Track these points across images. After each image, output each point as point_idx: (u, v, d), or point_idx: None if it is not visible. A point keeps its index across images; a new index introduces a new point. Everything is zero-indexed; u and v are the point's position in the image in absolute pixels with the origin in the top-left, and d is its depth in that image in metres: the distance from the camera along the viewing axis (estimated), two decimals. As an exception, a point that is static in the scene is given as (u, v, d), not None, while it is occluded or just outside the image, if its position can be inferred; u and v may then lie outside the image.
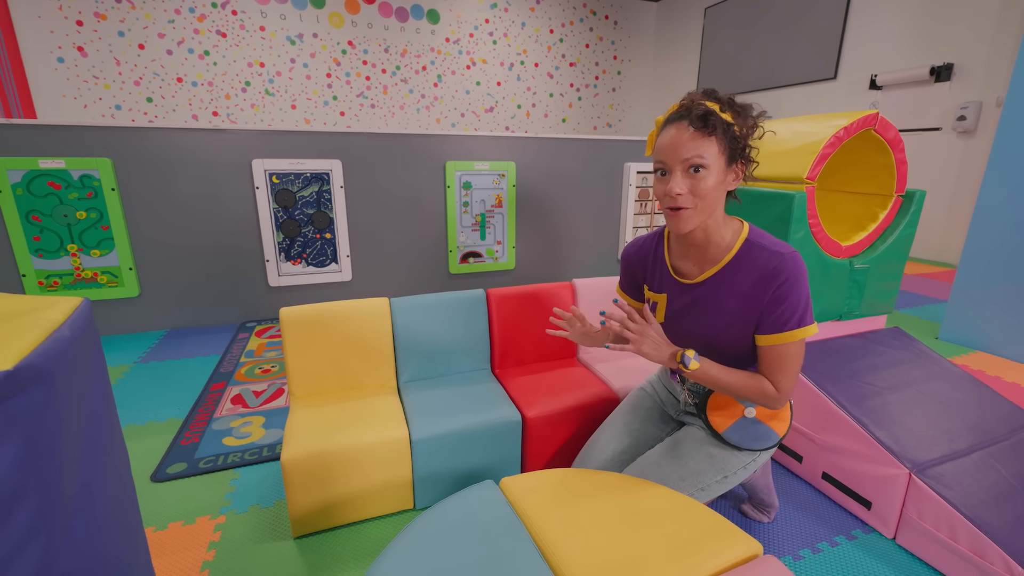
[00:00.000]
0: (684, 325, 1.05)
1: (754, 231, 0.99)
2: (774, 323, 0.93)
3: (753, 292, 0.94)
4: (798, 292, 0.92)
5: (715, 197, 0.92)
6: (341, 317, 1.44)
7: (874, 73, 4.57)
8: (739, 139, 0.92)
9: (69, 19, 5.03)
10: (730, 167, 0.93)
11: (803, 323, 0.93)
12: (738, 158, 0.93)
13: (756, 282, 0.94)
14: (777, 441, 1.06)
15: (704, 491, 1.04)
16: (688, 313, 1.04)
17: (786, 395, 0.97)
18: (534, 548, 0.81)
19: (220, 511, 1.30)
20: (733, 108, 0.92)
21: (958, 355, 2.29)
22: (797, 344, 0.94)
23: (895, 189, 1.56)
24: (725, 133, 0.90)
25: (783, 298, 0.92)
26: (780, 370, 0.95)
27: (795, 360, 0.95)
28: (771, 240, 0.97)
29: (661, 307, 1.08)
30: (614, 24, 7.41)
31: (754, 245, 0.96)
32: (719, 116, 0.89)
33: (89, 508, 0.56)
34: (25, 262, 2.28)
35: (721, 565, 0.77)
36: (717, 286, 0.99)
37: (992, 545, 1.01)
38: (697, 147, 0.88)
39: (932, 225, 4.22)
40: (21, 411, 0.46)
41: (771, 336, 0.94)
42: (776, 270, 0.92)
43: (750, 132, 0.93)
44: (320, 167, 2.63)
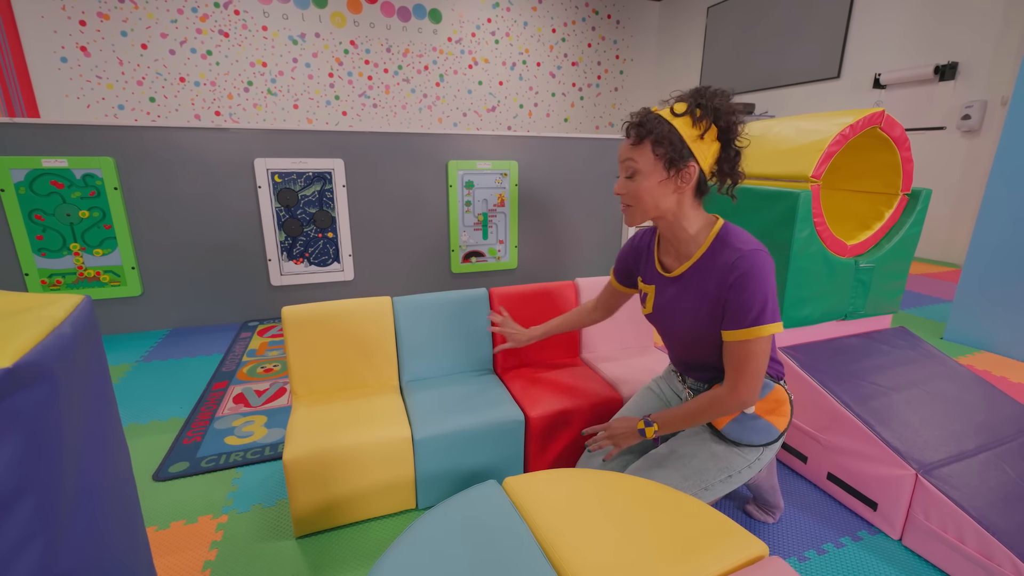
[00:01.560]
0: (668, 317, 1.10)
1: (727, 229, 1.00)
2: (731, 319, 0.96)
3: (717, 288, 0.97)
4: (753, 289, 0.92)
5: (653, 199, 0.98)
6: (343, 316, 1.44)
7: (878, 72, 4.55)
8: (680, 144, 0.94)
9: (72, 19, 5.05)
10: (672, 170, 0.96)
11: (759, 321, 0.93)
12: (682, 162, 0.95)
13: (718, 278, 0.97)
14: (778, 436, 1.05)
15: (708, 491, 1.03)
16: (671, 306, 1.08)
17: (742, 396, 0.97)
18: (537, 548, 0.80)
19: (222, 510, 1.30)
20: (692, 112, 0.93)
21: (964, 355, 2.27)
22: (754, 343, 0.94)
23: (901, 188, 1.55)
24: (659, 139, 0.94)
25: (738, 294, 0.93)
26: (737, 368, 0.97)
27: (753, 360, 0.95)
28: (741, 238, 0.97)
29: (650, 298, 1.14)
30: (616, 23, 7.40)
31: (722, 242, 0.98)
32: (658, 123, 0.94)
33: (90, 507, 0.55)
34: (28, 261, 2.28)
35: (726, 566, 0.77)
36: (691, 280, 1.02)
37: (1000, 546, 1.00)
38: (630, 152, 0.98)
39: (937, 225, 4.20)
40: (21, 409, 0.45)
41: (729, 332, 0.97)
42: (732, 266, 0.94)
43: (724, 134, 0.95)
44: (322, 166, 2.63)
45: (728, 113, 0.94)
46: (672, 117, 0.95)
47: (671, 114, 0.95)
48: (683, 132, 0.94)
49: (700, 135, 0.94)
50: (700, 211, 1.03)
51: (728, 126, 0.95)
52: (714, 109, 0.94)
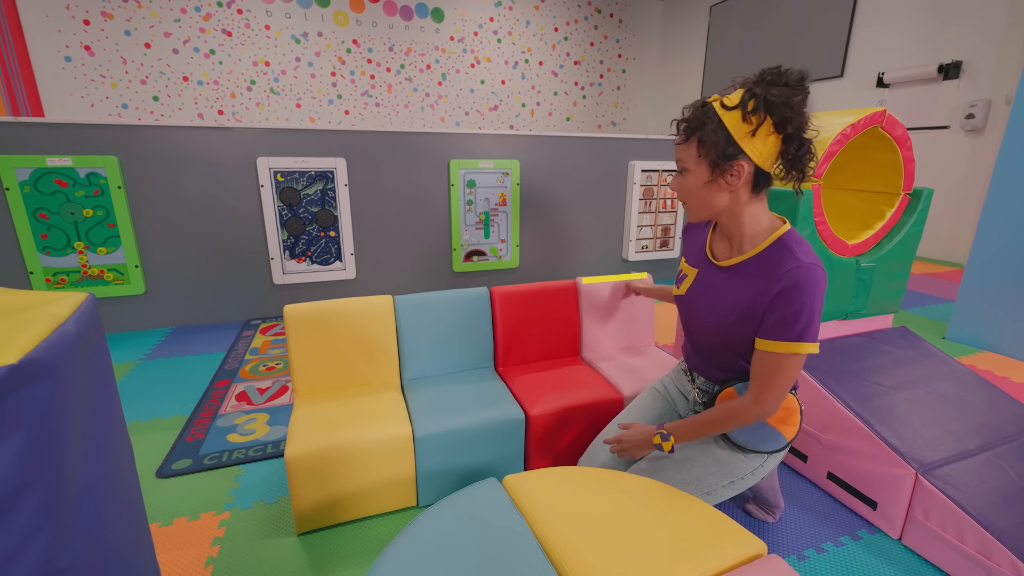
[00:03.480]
0: (700, 304, 1.06)
1: (791, 235, 0.95)
2: (772, 328, 0.91)
3: (764, 289, 0.92)
4: (802, 303, 0.88)
5: (703, 198, 0.95)
6: (345, 315, 1.44)
7: (881, 71, 4.54)
8: (728, 142, 0.88)
9: (76, 18, 5.07)
10: (719, 168, 0.90)
11: (802, 337, 0.89)
12: (729, 161, 0.89)
13: (766, 281, 0.92)
14: (785, 445, 1.04)
15: (710, 495, 1.03)
16: (707, 294, 1.04)
17: (765, 408, 0.94)
18: (537, 546, 0.81)
19: (224, 507, 1.31)
20: (744, 105, 0.87)
21: (965, 355, 2.27)
22: (790, 358, 0.90)
23: (902, 187, 1.54)
24: (706, 137, 0.89)
25: (786, 304, 0.89)
26: (764, 380, 0.93)
27: (784, 374, 0.91)
28: (803, 248, 0.92)
29: (688, 280, 1.10)
30: (619, 22, 7.39)
31: (783, 247, 0.93)
32: (707, 119, 0.89)
33: (93, 503, 0.56)
34: (33, 259, 2.30)
35: (725, 564, 0.77)
36: (739, 275, 0.98)
37: (999, 546, 1.00)
38: (679, 151, 0.96)
39: (939, 224, 4.19)
40: (25, 405, 0.46)
41: (765, 341, 0.92)
42: (787, 273, 0.89)
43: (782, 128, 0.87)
44: (324, 165, 2.64)
45: (783, 105, 0.85)
46: (723, 111, 0.88)
47: (722, 107, 0.89)
48: (732, 128, 0.88)
49: (752, 131, 0.87)
50: (763, 209, 0.97)
51: (783, 119, 0.86)
52: (767, 102, 0.85)
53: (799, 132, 0.88)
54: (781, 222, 0.98)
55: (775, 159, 0.91)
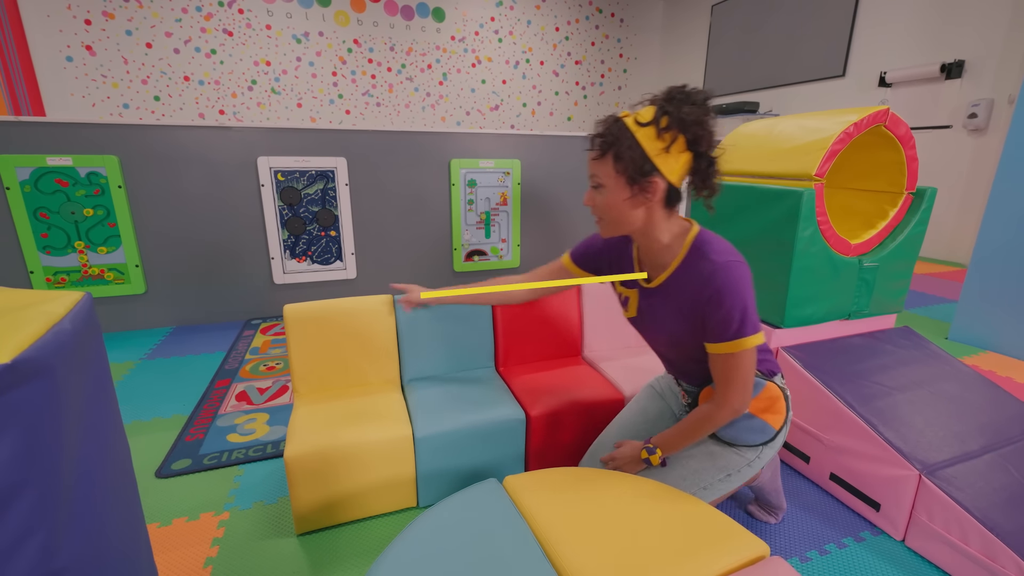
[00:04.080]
0: (650, 324, 1.08)
1: (701, 238, 0.96)
2: (712, 332, 0.94)
3: (694, 300, 0.94)
4: (730, 303, 0.90)
5: (619, 214, 0.95)
6: (345, 314, 1.44)
7: (883, 70, 4.52)
8: (644, 159, 0.88)
9: (78, 18, 5.07)
10: (636, 184, 0.90)
11: (740, 334, 0.91)
12: (644, 177, 0.89)
13: (695, 290, 0.94)
14: (773, 435, 1.04)
15: (707, 490, 1.03)
16: (652, 314, 1.06)
17: (734, 406, 0.96)
18: (538, 548, 0.80)
19: (224, 507, 1.30)
20: (657, 122, 0.87)
21: (969, 355, 2.26)
22: (738, 355, 0.92)
23: (905, 186, 1.54)
24: (622, 154, 0.89)
25: (716, 308, 0.91)
26: (723, 381, 0.96)
27: (739, 371, 0.94)
28: (715, 248, 0.94)
29: (633, 303, 1.11)
30: (620, 22, 7.38)
31: (697, 252, 0.95)
32: (621, 135, 0.89)
33: (89, 503, 0.56)
34: (33, 259, 2.29)
35: (728, 566, 0.76)
36: (670, 291, 1.00)
37: (1003, 548, 0.99)
38: (594, 166, 0.94)
39: (942, 224, 4.17)
40: (20, 404, 0.45)
41: (712, 345, 0.95)
42: (708, 279, 0.91)
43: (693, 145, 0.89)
44: (325, 165, 2.63)
45: (695, 124, 0.87)
46: (636, 127, 0.88)
47: (636, 124, 0.89)
48: (646, 145, 0.88)
49: (665, 148, 0.87)
50: (674, 218, 0.98)
51: (695, 138, 0.88)
52: (680, 120, 0.86)
53: (709, 150, 0.90)
54: (689, 225, 0.99)
55: (686, 176, 0.93)
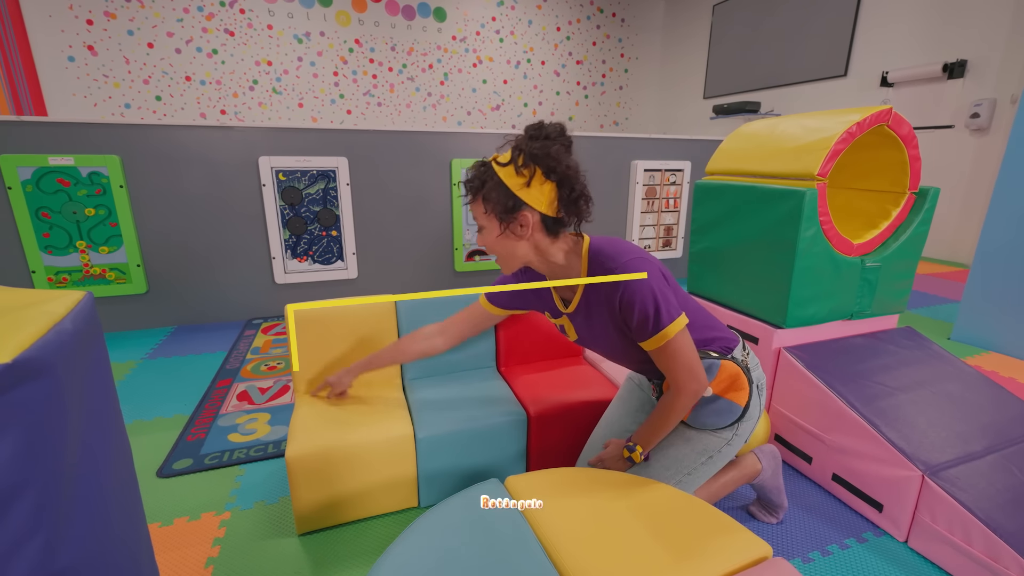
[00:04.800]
0: (591, 341, 1.11)
1: (594, 248, 0.99)
2: (638, 331, 0.96)
3: (610, 309, 0.97)
4: (640, 300, 0.92)
5: (504, 250, 0.99)
6: (347, 314, 1.44)
7: (885, 70, 4.51)
8: (510, 196, 0.92)
9: (79, 18, 5.08)
10: (509, 221, 0.95)
11: (660, 325, 0.93)
12: (512, 213, 0.94)
13: (606, 297, 0.97)
14: (741, 412, 1.04)
15: (691, 475, 1.05)
16: (586, 330, 1.08)
17: (690, 389, 0.97)
18: (539, 548, 0.80)
19: (225, 507, 1.30)
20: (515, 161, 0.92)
21: (971, 356, 2.25)
22: (668, 345, 0.94)
23: (908, 186, 1.53)
24: (489, 195, 0.94)
25: (630, 309, 0.93)
26: (670, 370, 0.97)
27: (677, 358, 0.95)
28: (609, 252, 0.96)
29: (569, 328, 1.13)
30: (621, 22, 7.37)
31: (595, 263, 0.98)
32: (487, 177, 0.94)
33: (90, 503, 0.55)
34: (35, 258, 2.30)
35: (730, 567, 0.76)
36: (590, 308, 1.02)
37: (1007, 549, 0.99)
38: (472, 209, 1.01)
39: (945, 224, 4.16)
40: (21, 404, 0.45)
41: (644, 343, 0.97)
42: (613, 285, 0.94)
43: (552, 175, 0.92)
44: (326, 164, 2.63)
45: (546, 156, 0.91)
46: (499, 168, 0.94)
47: (498, 164, 0.94)
48: (509, 183, 0.92)
49: (526, 183, 0.92)
50: (563, 239, 1.01)
51: (548, 168, 0.92)
52: (531, 155, 0.91)
53: (567, 178, 0.93)
54: (578, 239, 1.02)
55: (554, 204, 0.95)
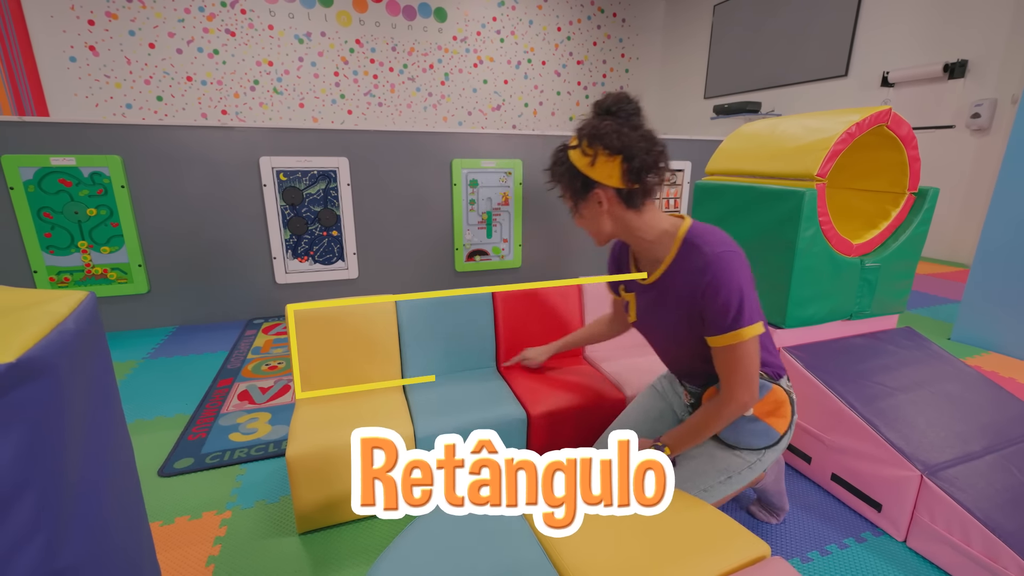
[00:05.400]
0: (649, 323, 1.10)
1: (693, 231, 0.98)
2: (711, 324, 0.94)
3: (690, 292, 0.96)
4: (726, 293, 0.91)
5: (590, 227, 1.03)
6: (347, 314, 1.44)
7: (886, 70, 4.51)
8: (578, 176, 0.96)
9: (81, 18, 5.09)
10: (584, 201, 0.99)
11: (738, 324, 0.91)
12: (583, 192, 0.97)
13: (689, 282, 0.95)
14: (777, 439, 1.04)
15: (707, 492, 1.03)
16: (651, 312, 1.08)
17: (741, 400, 0.95)
18: (539, 548, 0.80)
19: (226, 506, 1.31)
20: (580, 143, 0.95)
21: (971, 356, 2.25)
22: (740, 346, 0.92)
23: (908, 186, 1.53)
24: (560, 177, 1.00)
25: (712, 300, 0.92)
26: (727, 374, 0.95)
27: (743, 363, 0.93)
28: (709, 239, 0.95)
29: (632, 306, 1.13)
30: (622, 22, 7.37)
31: (690, 246, 0.97)
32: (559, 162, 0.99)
33: (92, 502, 0.56)
34: (37, 259, 2.30)
35: (728, 566, 0.76)
36: (665, 286, 1.01)
37: (1006, 549, 0.99)
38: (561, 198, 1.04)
39: (945, 224, 4.16)
40: (24, 404, 0.46)
41: (712, 339, 0.95)
42: (701, 270, 0.93)
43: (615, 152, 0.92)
44: (327, 165, 2.64)
45: (603, 135, 0.92)
46: (570, 151, 0.97)
47: (568, 148, 0.98)
48: (578, 164, 0.96)
49: (591, 162, 0.94)
50: (656, 217, 1.00)
51: (608, 144, 0.93)
52: (590, 135, 0.93)
53: (630, 150, 0.92)
54: (680, 220, 1.01)
55: (623, 178, 0.95)
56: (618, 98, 0.95)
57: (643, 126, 0.95)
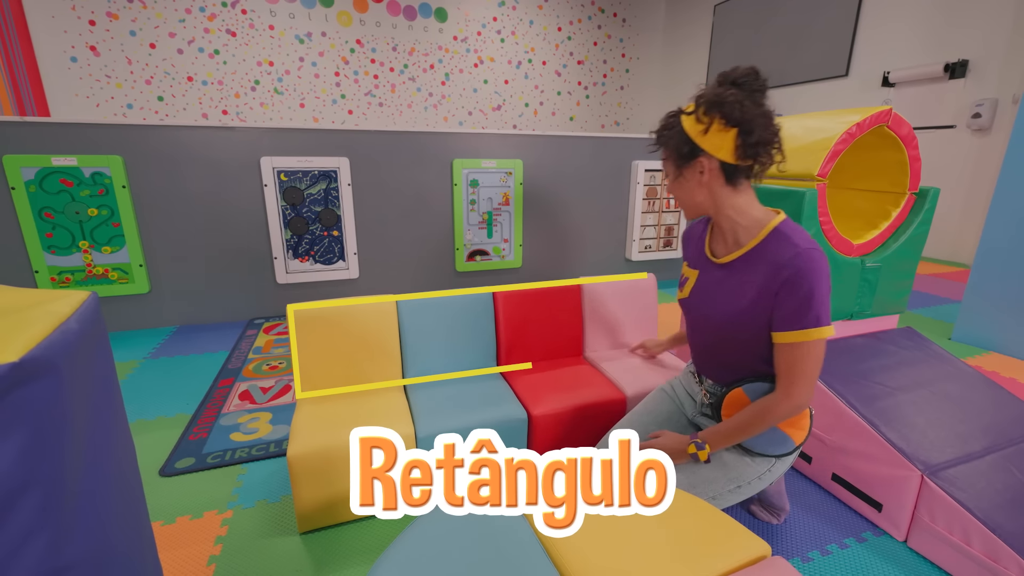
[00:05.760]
0: (706, 303, 1.07)
1: (787, 224, 0.98)
2: (786, 319, 0.92)
3: (767, 282, 0.93)
4: (809, 289, 0.89)
5: (683, 196, 1.02)
6: (348, 315, 1.44)
7: (887, 70, 4.51)
8: (686, 142, 0.96)
9: (82, 19, 5.09)
10: (686, 167, 0.98)
11: (819, 322, 0.90)
12: (688, 159, 0.97)
13: (770, 272, 0.93)
14: (793, 449, 1.04)
15: (716, 500, 1.02)
16: (711, 292, 1.05)
17: (798, 401, 0.94)
18: (540, 547, 0.80)
19: (227, 506, 1.31)
20: (697, 109, 0.94)
21: (972, 356, 2.25)
22: (812, 345, 0.91)
23: (908, 186, 1.53)
24: (668, 141, 0.99)
25: (794, 292, 0.90)
26: (791, 373, 0.93)
27: (807, 363, 0.92)
28: (801, 234, 0.94)
29: (691, 283, 1.11)
30: (623, 22, 7.37)
31: (780, 236, 0.95)
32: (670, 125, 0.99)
33: (94, 501, 0.56)
34: (38, 259, 2.31)
35: (729, 566, 0.76)
36: (740, 269, 0.99)
37: (1006, 549, 0.99)
38: (661, 157, 1.05)
39: (946, 224, 4.16)
40: (27, 403, 0.46)
41: (782, 334, 0.93)
42: (788, 262, 0.91)
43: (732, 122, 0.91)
44: (328, 165, 2.64)
45: (725, 104, 0.90)
46: (683, 116, 0.97)
47: (682, 114, 0.97)
48: (689, 131, 0.95)
49: (704, 130, 0.93)
50: (751, 202, 0.99)
51: (728, 116, 0.90)
52: (710, 102, 0.91)
53: (748, 123, 0.90)
54: (775, 213, 1.00)
55: (735, 151, 0.93)
56: (747, 71, 0.93)
57: (765, 105, 0.93)
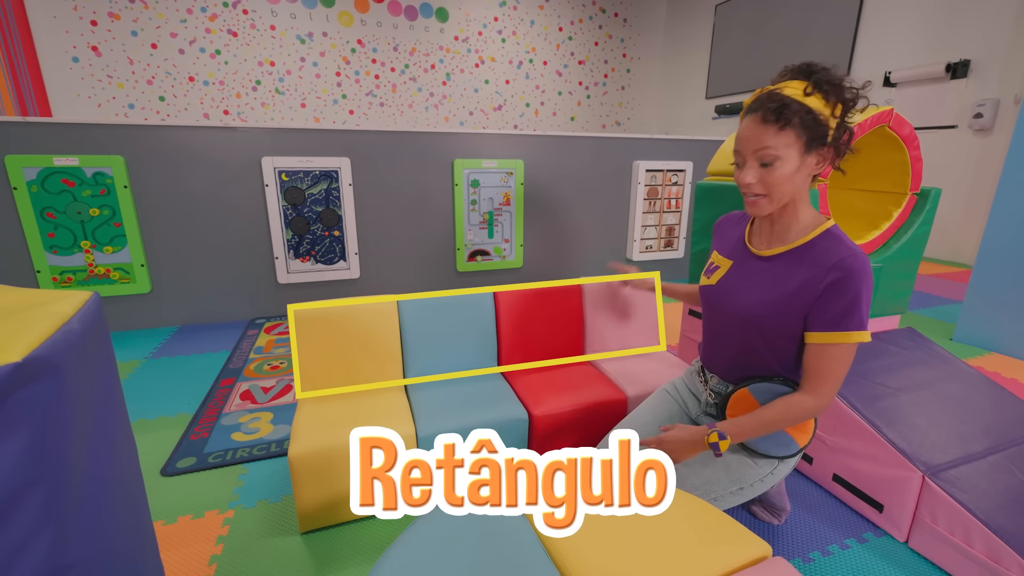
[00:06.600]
0: (735, 293, 1.04)
1: (838, 229, 0.97)
2: (825, 319, 0.91)
3: (811, 280, 0.92)
4: (856, 292, 0.89)
5: (789, 186, 0.92)
6: (349, 315, 1.44)
7: (888, 70, 4.50)
8: (821, 125, 0.87)
9: (84, 19, 5.10)
10: (809, 154, 0.90)
11: (859, 326, 0.90)
12: (821, 144, 0.89)
13: (817, 270, 0.92)
14: (795, 451, 1.04)
15: (717, 501, 1.02)
16: (746, 283, 1.03)
17: (823, 401, 0.93)
18: (540, 547, 0.80)
19: (228, 505, 1.31)
20: (822, 88, 0.87)
21: (973, 356, 2.25)
22: (844, 348, 0.91)
23: (910, 187, 1.53)
24: (803, 122, 0.87)
25: (840, 292, 0.90)
26: (820, 373, 0.93)
27: (838, 366, 0.92)
28: (847, 241, 0.94)
29: (721, 272, 1.09)
30: (624, 22, 7.37)
31: (831, 237, 0.94)
32: (798, 104, 0.86)
33: (97, 500, 0.56)
34: (40, 258, 2.31)
35: (729, 566, 0.76)
36: (784, 264, 0.98)
37: (1008, 550, 0.99)
38: (768, 140, 0.88)
39: (947, 224, 4.15)
40: (30, 403, 0.46)
41: (819, 334, 0.92)
42: (840, 263, 0.90)
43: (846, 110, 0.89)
44: (329, 165, 2.64)
45: (848, 87, 0.88)
46: (806, 98, 0.87)
47: (803, 94, 0.87)
48: (820, 112, 0.87)
49: (832, 113, 0.88)
50: (807, 198, 0.98)
51: (843, 101, 0.88)
52: (836, 87, 0.88)
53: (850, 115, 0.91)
54: (826, 216, 0.99)
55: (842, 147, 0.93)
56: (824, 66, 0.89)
57: None
